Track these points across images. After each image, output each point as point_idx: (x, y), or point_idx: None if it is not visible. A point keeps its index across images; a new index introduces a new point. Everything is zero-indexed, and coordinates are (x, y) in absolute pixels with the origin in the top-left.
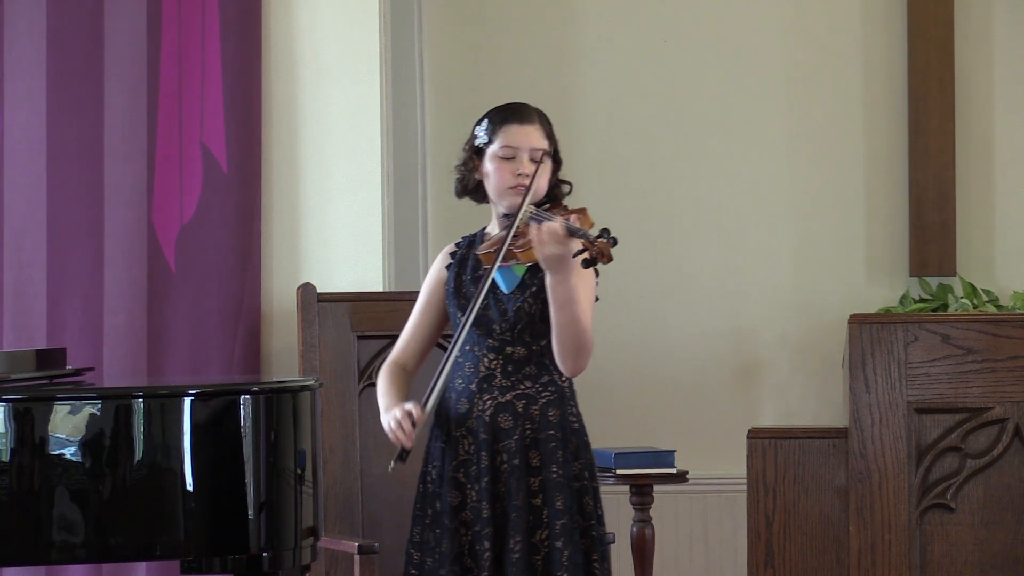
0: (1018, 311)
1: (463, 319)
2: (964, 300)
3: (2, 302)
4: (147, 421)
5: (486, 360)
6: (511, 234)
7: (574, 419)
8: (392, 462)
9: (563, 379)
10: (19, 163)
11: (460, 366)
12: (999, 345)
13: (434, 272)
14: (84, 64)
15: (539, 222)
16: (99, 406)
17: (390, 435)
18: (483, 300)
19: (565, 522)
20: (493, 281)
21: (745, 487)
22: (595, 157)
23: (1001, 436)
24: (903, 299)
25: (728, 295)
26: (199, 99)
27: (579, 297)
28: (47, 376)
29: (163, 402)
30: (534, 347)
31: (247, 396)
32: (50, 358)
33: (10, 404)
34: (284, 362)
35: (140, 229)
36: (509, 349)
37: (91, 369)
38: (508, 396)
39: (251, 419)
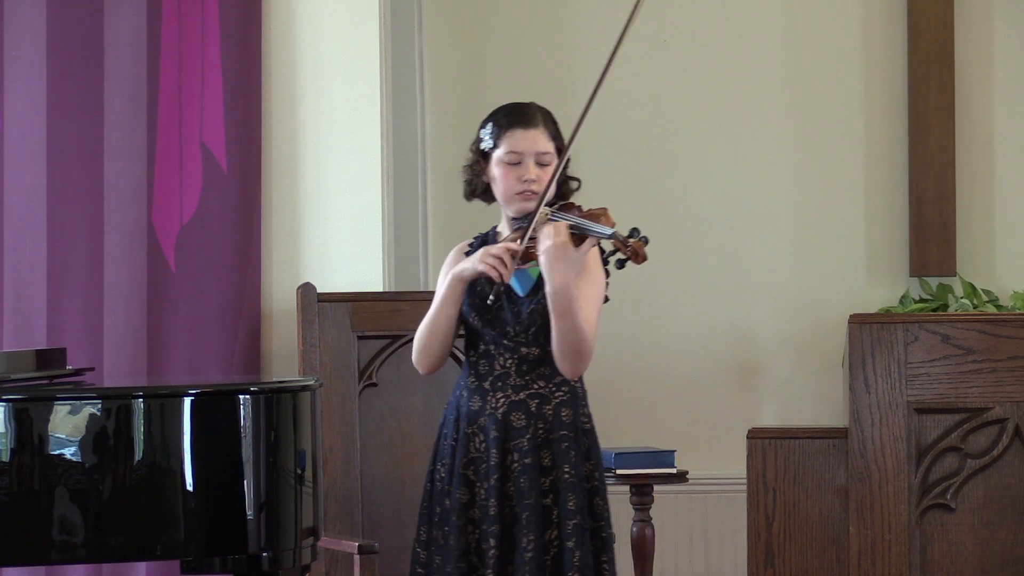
0: (1018, 311)
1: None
2: (964, 300)
3: (2, 302)
4: (147, 421)
5: (501, 359)
6: (527, 236)
7: (585, 420)
8: (491, 296)
9: (576, 379)
10: (19, 163)
11: (475, 364)
12: (999, 345)
13: (449, 270)
14: (84, 64)
15: (556, 223)
16: (99, 406)
17: (487, 269)
18: (497, 302)
19: (577, 522)
20: (508, 284)
21: (745, 487)
22: (595, 157)
23: (1001, 436)
24: (903, 299)
25: (728, 295)
26: (199, 99)
27: (579, 304)
28: (47, 376)
29: (163, 402)
30: (549, 348)
31: (247, 396)
32: (50, 358)
33: (10, 404)
34: (284, 362)
35: (140, 229)
36: (524, 350)
37: (91, 369)
38: (521, 395)
39: (251, 419)
